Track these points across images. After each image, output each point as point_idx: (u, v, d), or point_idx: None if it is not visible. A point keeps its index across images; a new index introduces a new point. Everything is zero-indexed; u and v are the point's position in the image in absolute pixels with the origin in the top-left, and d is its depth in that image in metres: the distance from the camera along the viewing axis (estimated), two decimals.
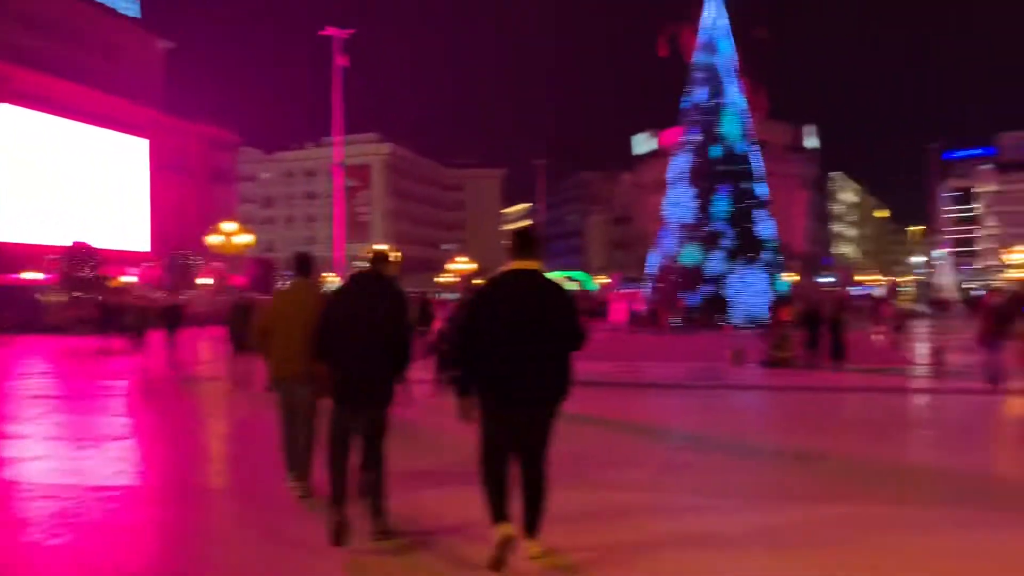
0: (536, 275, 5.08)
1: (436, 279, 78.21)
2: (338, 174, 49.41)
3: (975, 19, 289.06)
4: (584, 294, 59.44)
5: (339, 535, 5.38)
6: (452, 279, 61.62)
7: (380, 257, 5.94)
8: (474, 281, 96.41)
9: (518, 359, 4.90)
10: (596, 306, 39.94)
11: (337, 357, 5.52)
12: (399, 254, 72.57)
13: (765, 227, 40.09)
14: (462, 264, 56.05)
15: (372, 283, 5.66)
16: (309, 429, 6.49)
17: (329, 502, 5.57)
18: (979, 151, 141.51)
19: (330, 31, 45.80)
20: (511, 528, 4.96)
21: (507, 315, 4.90)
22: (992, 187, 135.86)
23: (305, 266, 6.94)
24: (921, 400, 14.07)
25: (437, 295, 49.82)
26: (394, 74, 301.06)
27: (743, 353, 19.03)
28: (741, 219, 39.35)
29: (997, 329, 13.73)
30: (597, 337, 31.04)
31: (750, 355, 19.00)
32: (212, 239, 39.26)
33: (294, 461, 6.63)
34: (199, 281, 52.17)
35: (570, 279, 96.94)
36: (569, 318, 5.05)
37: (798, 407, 13.05)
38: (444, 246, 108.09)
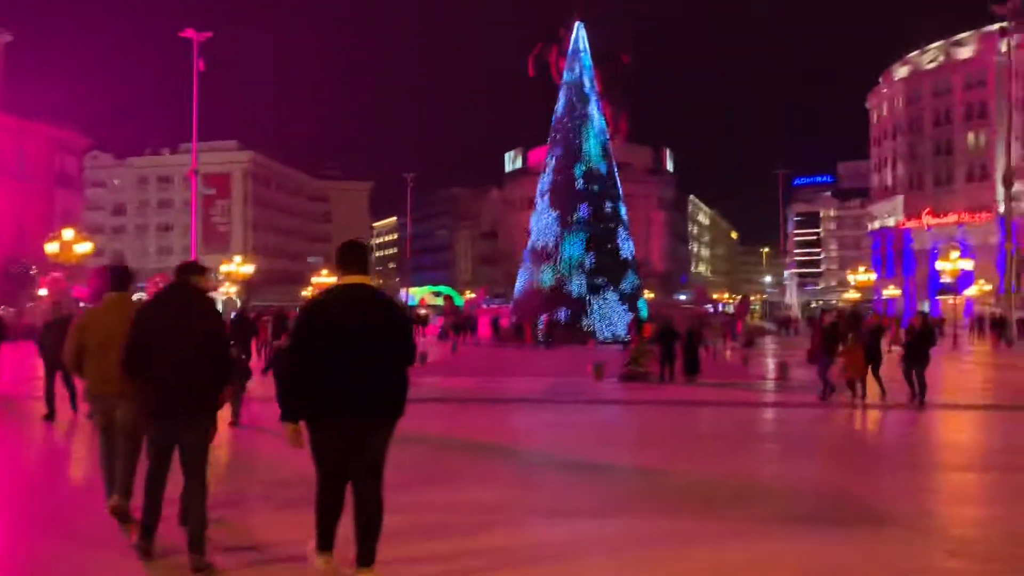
0: (365, 289, 4.97)
1: (301, 292, 76.12)
2: (194, 181, 47.18)
3: (819, 58, 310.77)
4: (452, 308, 59.40)
5: (146, 559, 5.22)
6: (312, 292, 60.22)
7: (189, 268, 5.65)
8: None
9: (346, 374, 4.73)
10: (463, 320, 39.83)
11: (151, 372, 5.23)
12: (252, 269, 70.26)
13: (625, 246, 41.21)
14: (327, 278, 54.61)
15: (182, 295, 5.44)
16: (129, 449, 6.05)
17: (140, 531, 5.32)
18: (820, 179, 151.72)
19: (189, 33, 43.88)
20: (331, 560, 4.85)
21: (335, 330, 4.77)
22: (832, 212, 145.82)
23: (121, 280, 6.50)
24: (762, 414, 14.57)
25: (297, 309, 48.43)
26: (260, 81, 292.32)
27: (603, 368, 19.36)
28: (602, 237, 40.32)
29: (826, 346, 14.68)
30: (464, 352, 31.45)
31: (610, 369, 19.35)
32: (50, 247, 36.55)
33: (114, 483, 6.14)
34: (40, 292, 48.54)
35: (437, 294, 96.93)
36: (398, 333, 4.97)
37: (651, 422, 13.26)
38: (310, 259, 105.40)
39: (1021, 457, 9.92)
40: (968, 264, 42.44)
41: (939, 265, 45.13)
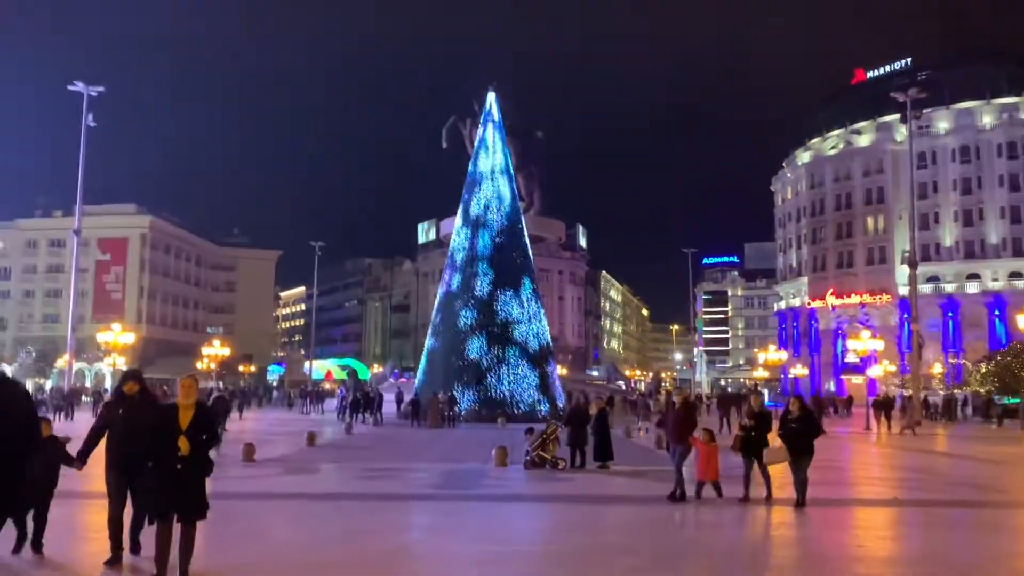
0: None
1: (196, 364, 71.75)
2: (76, 242, 43.83)
3: (728, 141, 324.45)
4: (354, 383, 56.53)
5: None
6: (210, 365, 56.30)
7: None
8: (244, 368, 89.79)
9: None
10: (364, 397, 37.32)
11: None
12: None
13: (536, 321, 39.78)
14: (219, 348, 51.23)
15: None
16: None
17: None
18: (728, 259, 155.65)
19: (79, 86, 41.30)
20: None
21: None
22: (739, 291, 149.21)
23: None
24: (674, 513, 12.40)
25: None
26: (167, 144, 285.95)
27: (507, 453, 17.50)
28: (513, 311, 38.82)
29: (679, 433, 12.66)
30: (359, 433, 29.02)
31: (517, 454, 17.48)
32: None
33: None
34: None
35: (344, 367, 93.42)
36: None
37: (549, 529, 10.78)
38: (209, 329, 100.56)
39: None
40: (879, 344, 42.39)
41: (850, 344, 45.15)
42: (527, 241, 41.94)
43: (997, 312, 78.13)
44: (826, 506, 12.19)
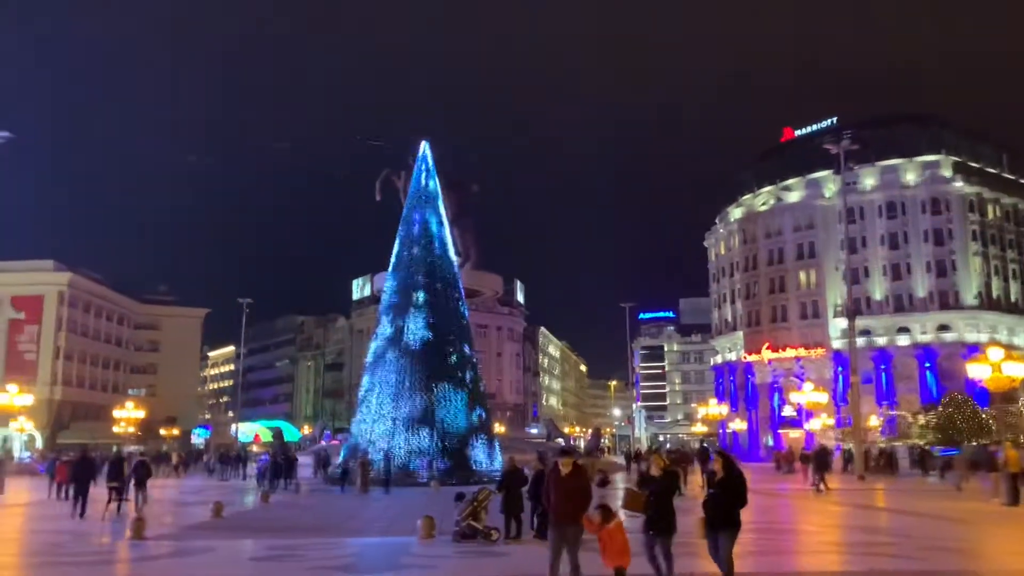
0: None
1: (112, 429, 67.61)
2: None
3: (663, 196, 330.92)
4: (283, 446, 53.74)
5: None
6: (127, 428, 52.85)
7: None
8: (167, 431, 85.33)
9: None
10: (285, 461, 34.83)
11: None
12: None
13: (472, 377, 38.07)
14: (133, 411, 47.98)
15: None
16: None
17: None
18: (663, 314, 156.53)
19: None
20: None
21: None
22: (675, 347, 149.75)
23: None
24: None
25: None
26: (88, 199, 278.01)
27: (434, 524, 15.69)
28: (447, 368, 37.09)
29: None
30: (278, 501, 26.69)
31: (447, 523, 15.70)
32: None
33: None
34: None
35: (271, 429, 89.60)
36: None
37: None
38: (131, 391, 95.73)
39: None
40: (823, 396, 41.74)
41: (793, 397, 44.45)
42: (462, 293, 40.44)
43: (928, 364, 79.20)
44: None
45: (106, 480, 21.97)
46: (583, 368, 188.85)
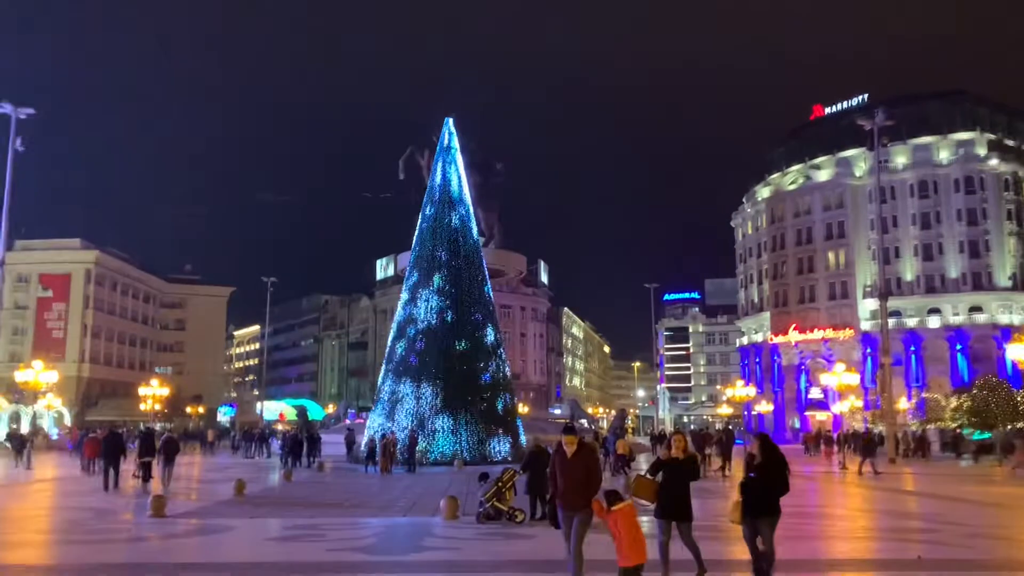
0: None
1: (139, 407, 68.18)
2: (1, 276, 40.86)
3: (690, 174, 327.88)
4: (307, 424, 53.87)
5: None
6: (154, 406, 53.14)
7: None
8: (193, 409, 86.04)
9: None
10: (309, 439, 34.74)
11: None
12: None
13: (496, 357, 37.65)
14: (158, 388, 48.19)
15: None
16: None
17: None
18: (688, 295, 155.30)
19: (6, 108, 38.69)
20: None
21: None
22: (700, 328, 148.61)
23: None
24: None
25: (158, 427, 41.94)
26: (116, 177, 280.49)
27: (458, 504, 15.35)
28: (471, 348, 36.71)
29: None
30: (300, 479, 26.49)
31: (471, 503, 15.35)
32: None
33: None
34: None
35: (294, 407, 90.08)
36: None
37: None
38: (158, 369, 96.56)
39: None
40: (854, 377, 40.93)
41: (823, 379, 43.60)
42: (486, 273, 39.93)
43: (959, 346, 77.82)
44: (825, 571, 10.19)
45: (137, 455, 22.84)
46: (606, 349, 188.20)
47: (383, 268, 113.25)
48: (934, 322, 79.96)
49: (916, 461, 40.61)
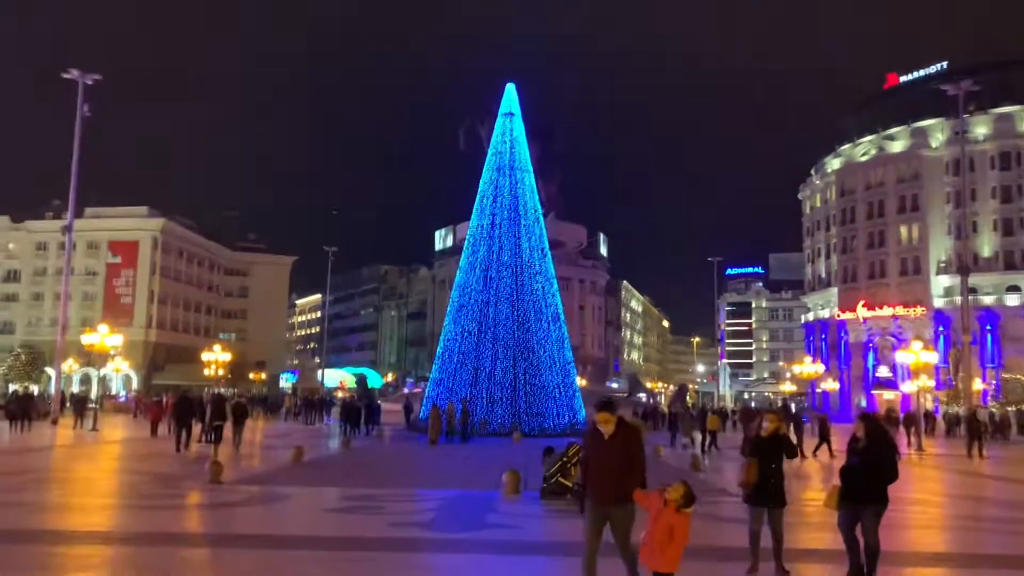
0: None
1: (204, 372, 69.45)
2: (69, 240, 41.77)
3: (754, 148, 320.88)
4: (366, 392, 54.10)
5: None
6: (217, 371, 53.78)
7: None
8: (256, 375, 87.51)
9: None
10: (367, 407, 34.65)
11: None
12: None
13: (555, 328, 36.96)
14: (220, 353, 48.78)
15: None
16: None
17: None
18: (752, 269, 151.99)
19: (73, 74, 39.18)
20: None
21: None
22: (763, 303, 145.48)
23: None
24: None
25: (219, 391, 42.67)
26: (184, 146, 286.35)
27: (520, 478, 14.74)
28: (531, 319, 36.06)
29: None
30: (359, 448, 26.30)
31: (532, 477, 14.75)
32: None
33: None
34: None
35: (354, 375, 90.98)
36: None
37: None
38: (222, 335, 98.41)
39: None
40: (932, 355, 39.13)
41: (900, 357, 41.89)
42: (546, 244, 39.11)
43: None
44: (930, 565, 9.23)
45: (209, 419, 23.65)
46: (665, 324, 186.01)
47: (442, 239, 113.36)
48: (1012, 300, 76.54)
49: (994, 444, 38.71)
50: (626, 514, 6.83)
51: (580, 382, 44.19)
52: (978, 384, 66.49)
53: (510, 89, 40.40)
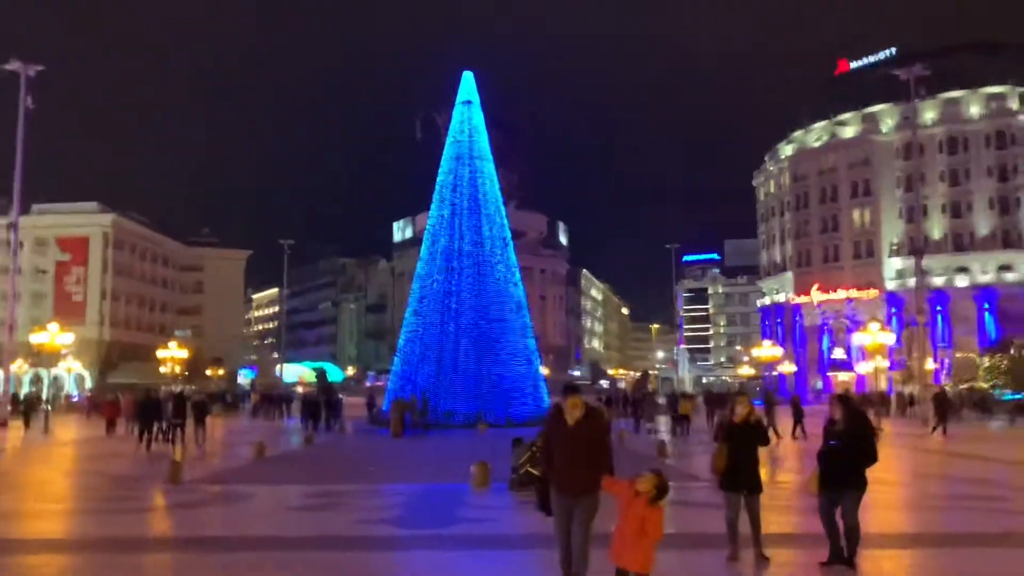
0: None
1: (160, 369, 68.06)
2: (15, 238, 40.47)
3: (708, 135, 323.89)
4: (326, 386, 53.51)
5: None
6: (173, 369, 52.81)
7: None
8: (213, 371, 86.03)
9: None
10: (328, 401, 34.12)
11: None
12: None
13: (517, 317, 36.79)
14: (176, 350, 47.78)
15: None
16: None
17: None
18: (707, 256, 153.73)
19: (15, 65, 37.87)
20: None
21: None
22: (720, 289, 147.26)
23: None
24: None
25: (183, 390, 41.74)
26: (131, 140, 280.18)
27: (488, 470, 14.53)
28: (492, 308, 35.84)
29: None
30: (323, 442, 25.90)
31: (499, 469, 14.56)
32: None
33: None
34: None
35: (314, 369, 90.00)
36: None
37: None
38: (177, 332, 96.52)
39: None
40: (890, 337, 39.80)
41: (858, 339, 42.56)
42: (508, 233, 38.85)
43: (987, 305, 76.23)
44: (909, 546, 9.23)
45: (170, 417, 23.54)
46: (625, 311, 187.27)
47: (400, 230, 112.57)
48: (962, 281, 78.32)
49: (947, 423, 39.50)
50: (592, 503, 6.56)
51: (544, 370, 44.20)
52: (930, 364, 67.99)
53: (467, 77, 39.98)
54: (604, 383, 77.05)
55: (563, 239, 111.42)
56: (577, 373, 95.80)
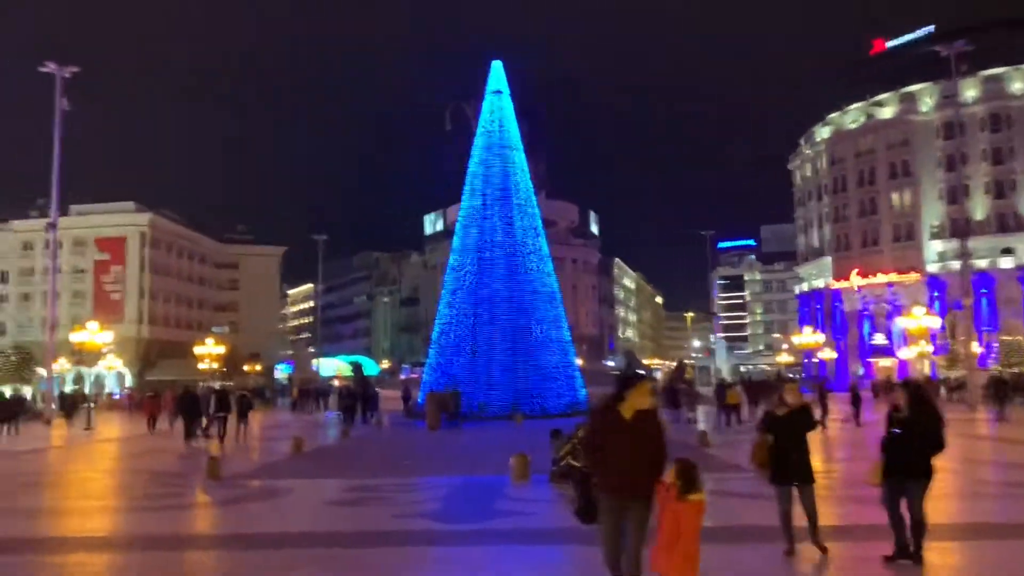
0: None
1: (198, 366, 68.86)
2: (54, 239, 41.01)
3: (743, 120, 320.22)
4: (362, 380, 53.71)
5: None
6: (211, 365, 53.30)
7: None
8: (250, 367, 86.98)
9: None
10: (364, 395, 34.18)
11: None
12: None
13: (551, 308, 36.49)
14: (213, 347, 48.24)
15: None
16: None
17: None
18: (743, 242, 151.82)
19: (51, 67, 38.30)
20: None
21: None
22: (756, 275, 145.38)
23: None
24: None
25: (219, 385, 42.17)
26: (167, 140, 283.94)
27: (528, 462, 14.29)
28: (526, 299, 35.59)
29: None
30: (359, 435, 25.89)
31: (539, 461, 14.33)
32: None
33: None
34: None
35: (350, 363, 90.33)
36: None
37: None
38: (214, 328, 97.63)
39: None
40: (935, 321, 38.85)
41: (901, 323, 41.62)
42: (540, 223, 38.53)
43: None
44: (972, 538, 8.82)
45: (213, 412, 23.99)
46: (659, 300, 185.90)
47: (432, 223, 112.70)
48: (1007, 263, 76.40)
49: (993, 407, 38.51)
50: (644, 508, 5.73)
51: (577, 361, 43.84)
52: (976, 348, 66.46)
53: (497, 66, 39.64)
54: (640, 373, 76.30)
55: (594, 228, 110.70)
56: (611, 363, 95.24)
